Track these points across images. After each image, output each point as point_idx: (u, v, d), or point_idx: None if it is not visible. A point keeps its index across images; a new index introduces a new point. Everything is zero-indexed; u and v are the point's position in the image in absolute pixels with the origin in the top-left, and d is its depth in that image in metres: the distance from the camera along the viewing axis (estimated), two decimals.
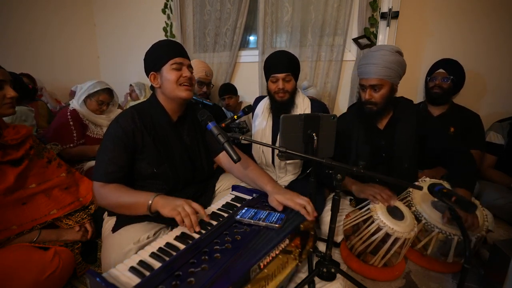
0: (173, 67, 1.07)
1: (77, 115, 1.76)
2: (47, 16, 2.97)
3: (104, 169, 1.01)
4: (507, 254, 0.98)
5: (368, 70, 1.27)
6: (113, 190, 0.99)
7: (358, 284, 0.99)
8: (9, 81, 1.11)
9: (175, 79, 1.07)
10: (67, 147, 1.69)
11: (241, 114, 1.65)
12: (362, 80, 1.32)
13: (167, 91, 1.09)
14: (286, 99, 1.50)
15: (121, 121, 1.05)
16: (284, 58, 1.47)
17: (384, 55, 1.24)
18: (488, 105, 1.97)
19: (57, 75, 3.06)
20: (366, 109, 1.34)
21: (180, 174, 1.15)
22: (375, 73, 1.26)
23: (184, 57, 1.11)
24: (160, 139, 1.11)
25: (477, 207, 1.14)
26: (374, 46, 1.40)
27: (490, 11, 1.85)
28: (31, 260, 0.94)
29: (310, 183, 1.15)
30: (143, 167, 1.09)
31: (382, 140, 1.38)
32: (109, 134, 1.05)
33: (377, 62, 1.25)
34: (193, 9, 2.73)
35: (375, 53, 1.27)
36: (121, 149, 1.03)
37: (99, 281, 0.63)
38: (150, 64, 1.12)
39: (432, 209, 1.19)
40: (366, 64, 1.29)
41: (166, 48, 1.10)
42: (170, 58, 1.07)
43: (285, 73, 1.46)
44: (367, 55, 1.32)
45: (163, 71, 1.08)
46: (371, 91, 1.30)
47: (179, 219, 0.87)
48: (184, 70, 1.09)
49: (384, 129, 1.39)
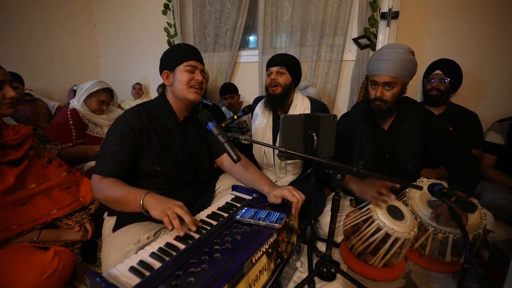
0: (186, 68, 1.10)
1: (77, 114, 1.76)
2: (47, 16, 2.97)
3: (106, 163, 1.02)
4: (507, 254, 0.98)
5: (383, 66, 1.23)
6: (109, 184, 0.99)
7: (358, 284, 0.99)
8: (9, 81, 1.11)
9: (187, 81, 1.10)
10: (65, 147, 1.68)
11: (241, 114, 1.65)
12: (375, 77, 1.28)
13: (177, 91, 1.11)
14: (278, 93, 1.50)
15: (128, 118, 1.06)
16: (281, 55, 1.54)
17: (401, 53, 1.22)
18: (488, 105, 1.97)
19: (57, 75, 3.07)
20: (374, 107, 1.31)
21: (182, 174, 1.16)
22: (390, 70, 1.22)
23: (199, 62, 1.15)
24: (165, 137, 1.12)
25: (477, 207, 1.14)
26: (389, 44, 1.35)
27: (490, 11, 1.85)
28: (31, 260, 0.94)
29: (310, 183, 1.15)
30: (146, 164, 1.10)
31: (386, 141, 1.37)
32: (115, 129, 1.06)
33: (393, 59, 1.21)
34: (193, 9, 2.73)
35: (391, 50, 1.23)
36: (126, 145, 1.04)
37: (99, 281, 0.63)
38: (165, 62, 1.15)
39: (428, 208, 1.19)
40: (380, 60, 1.25)
41: (183, 50, 1.14)
42: (186, 60, 1.11)
43: (278, 66, 1.50)
44: (381, 52, 1.27)
45: (177, 71, 1.11)
46: (383, 88, 1.26)
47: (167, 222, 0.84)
48: (197, 74, 1.13)
49: (388, 130, 1.38)
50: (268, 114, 1.62)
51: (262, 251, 0.79)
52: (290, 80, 1.52)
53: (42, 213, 1.13)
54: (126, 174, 1.07)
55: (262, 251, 0.79)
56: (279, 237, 0.90)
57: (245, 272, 0.72)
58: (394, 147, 1.35)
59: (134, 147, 1.05)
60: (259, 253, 0.78)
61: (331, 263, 1.03)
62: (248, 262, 0.73)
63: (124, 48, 3.36)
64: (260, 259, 0.78)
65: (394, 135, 1.35)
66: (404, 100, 1.37)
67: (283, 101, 1.54)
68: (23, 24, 2.75)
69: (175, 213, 0.85)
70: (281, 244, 0.93)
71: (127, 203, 0.94)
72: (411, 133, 1.33)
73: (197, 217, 0.96)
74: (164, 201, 0.90)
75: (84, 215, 1.26)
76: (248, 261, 0.73)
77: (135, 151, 1.06)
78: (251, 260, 0.74)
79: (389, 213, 1.10)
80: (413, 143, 1.33)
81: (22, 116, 2.21)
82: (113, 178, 1.01)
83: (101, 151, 1.06)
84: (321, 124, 1.10)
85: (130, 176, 1.10)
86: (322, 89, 2.31)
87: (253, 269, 0.75)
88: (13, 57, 2.70)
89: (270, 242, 0.83)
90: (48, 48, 3.00)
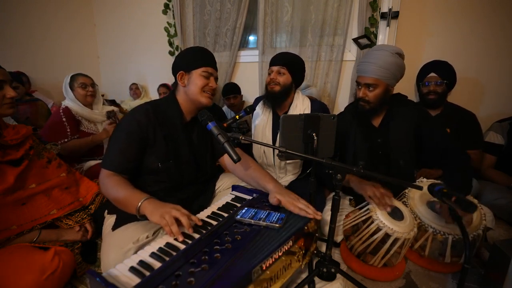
0: (203, 74, 1.13)
1: (70, 112, 1.81)
2: (47, 16, 2.97)
3: (113, 159, 1.04)
4: (507, 254, 0.98)
5: (365, 68, 1.28)
6: (114, 182, 1.01)
7: (358, 284, 0.99)
8: (9, 81, 1.11)
9: (202, 86, 1.12)
10: (61, 143, 1.72)
11: (242, 114, 1.65)
12: (359, 78, 1.33)
13: (191, 93, 1.13)
14: (276, 91, 1.51)
15: (136, 115, 1.09)
16: (282, 55, 1.54)
17: (383, 56, 1.25)
18: (487, 105, 1.97)
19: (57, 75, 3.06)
20: (359, 107, 1.36)
21: (185, 173, 1.17)
22: (371, 72, 1.26)
23: (214, 69, 1.18)
24: (170, 136, 1.14)
25: (477, 207, 1.14)
26: (376, 45, 1.40)
27: (490, 11, 1.85)
28: (31, 260, 0.94)
29: (310, 183, 1.15)
30: (150, 161, 1.11)
31: (378, 138, 1.38)
32: (123, 126, 1.08)
33: (375, 61, 1.25)
34: (193, 9, 2.73)
35: (375, 53, 1.28)
36: (133, 141, 1.06)
37: (99, 281, 0.63)
38: (182, 63, 1.15)
39: (427, 209, 1.19)
40: (364, 62, 1.30)
41: (202, 55, 1.16)
42: (204, 65, 1.13)
43: (279, 65, 1.50)
44: (367, 54, 1.33)
45: (193, 74, 1.13)
46: (366, 89, 1.31)
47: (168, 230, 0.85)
48: (212, 81, 1.15)
49: (379, 127, 1.39)
50: (268, 114, 1.62)
51: (275, 258, 0.77)
52: (290, 81, 1.52)
53: (42, 213, 1.13)
54: (134, 171, 1.09)
55: (274, 258, 0.76)
56: (296, 245, 0.86)
57: (253, 278, 0.70)
58: (386, 144, 1.36)
59: (141, 143, 1.08)
60: (270, 259, 0.75)
61: (331, 263, 1.02)
62: (258, 268, 0.71)
63: (124, 48, 3.36)
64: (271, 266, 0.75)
65: (386, 131, 1.37)
66: (394, 96, 1.39)
67: (281, 100, 1.54)
68: (23, 24, 2.75)
69: (173, 217, 0.85)
70: (298, 252, 0.89)
71: (126, 205, 0.96)
72: (401, 128, 1.34)
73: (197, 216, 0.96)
74: (162, 206, 0.90)
75: (84, 215, 1.26)
76: (258, 267, 0.71)
77: (141, 148, 1.08)
78: (260, 266, 0.72)
79: (388, 213, 1.10)
80: (403, 138, 1.34)
81: (22, 116, 2.21)
82: (119, 176, 1.04)
83: (109, 147, 1.08)
84: (321, 124, 1.10)
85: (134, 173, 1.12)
86: (322, 89, 2.31)
87: (262, 276, 0.72)
88: (14, 57, 2.70)
89: (284, 249, 0.80)
90: (48, 48, 3.00)
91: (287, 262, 0.82)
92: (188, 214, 0.89)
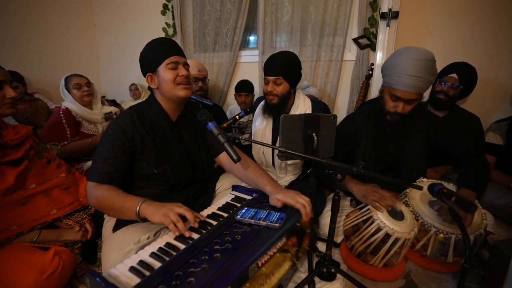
0: (169, 66, 1.05)
1: (70, 113, 1.81)
2: (48, 17, 2.96)
3: (100, 169, 1.00)
4: (507, 254, 0.98)
5: (411, 83, 1.12)
6: (104, 191, 0.98)
7: (358, 284, 1.00)
8: (9, 81, 1.11)
9: (172, 79, 1.06)
10: (61, 145, 1.71)
11: (243, 114, 1.65)
12: (398, 92, 1.16)
13: (165, 91, 1.08)
14: (275, 103, 1.49)
15: (120, 123, 1.05)
16: (277, 62, 1.44)
17: (431, 68, 1.12)
18: (487, 105, 1.97)
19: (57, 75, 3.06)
20: (390, 119, 1.26)
21: (180, 174, 1.15)
22: (418, 88, 1.13)
23: (179, 55, 1.09)
24: (160, 139, 1.11)
25: (477, 207, 1.14)
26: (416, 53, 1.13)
27: (490, 11, 1.85)
28: (31, 260, 0.94)
29: (310, 183, 1.15)
30: (143, 167, 1.09)
31: (391, 146, 1.34)
32: (108, 134, 1.05)
33: (422, 75, 1.11)
34: (193, 9, 2.73)
35: (420, 63, 1.10)
36: (119, 150, 1.02)
37: (99, 281, 0.63)
38: (145, 65, 1.10)
39: (429, 209, 1.19)
40: (409, 76, 1.11)
41: (160, 47, 1.08)
42: (165, 57, 1.05)
43: (274, 76, 1.44)
44: (407, 65, 1.12)
45: (159, 71, 1.07)
46: (406, 104, 1.18)
47: (173, 228, 0.84)
48: (180, 69, 1.07)
49: (393, 134, 1.34)
50: (268, 114, 1.61)
51: (270, 255, 0.78)
52: (288, 88, 1.48)
53: (42, 213, 1.13)
54: (122, 180, 1.05)
55: (269, 255, 0.77)
56: (289, 241, 0.88)
57: (250, 275, 0.70)
58: (399, 153, 1.32)
59: (127, 152, 1.04)
60: (265, 257, 0.76)
61: (331, 263, 1.03)
62: (254, 266, 0.71)
63: (124, 48, 3.36)
64: (266, 263, 0.76)
65: (400, 140, 1.32)
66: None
67: (281, 107, 1.52)
68: (24, 25, 2.75)
69: (177, 213, 0.85)
70: (291, 248, 0.90)
71: (122, 211, 0.94)
72: (416, 138, 1.30)
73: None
74: (162, 205, 0.90)
75: (84, 215, 1.26)
76: (254, 265, 0.71)
77: (128, 156, 1.05)
78: (256, 264, 0.72)
79: (389, 213, 1.10)
80: (419, 151, 1.30)
81: (22, 116, 2.21)
82: (108, 185, 1.00)
83: (95, 158, 1.04)
84: (321, 124, 1.10)
85: (128, 180, 1.10)
86: (322, 89, 2.31)
87: (258, 273, 0.73)
88: (14, 57, 2.70)
89: (278, 246, 0.81)
90: (48, 49, 2.99)
91: (281, 259, 0.84)
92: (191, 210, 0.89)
